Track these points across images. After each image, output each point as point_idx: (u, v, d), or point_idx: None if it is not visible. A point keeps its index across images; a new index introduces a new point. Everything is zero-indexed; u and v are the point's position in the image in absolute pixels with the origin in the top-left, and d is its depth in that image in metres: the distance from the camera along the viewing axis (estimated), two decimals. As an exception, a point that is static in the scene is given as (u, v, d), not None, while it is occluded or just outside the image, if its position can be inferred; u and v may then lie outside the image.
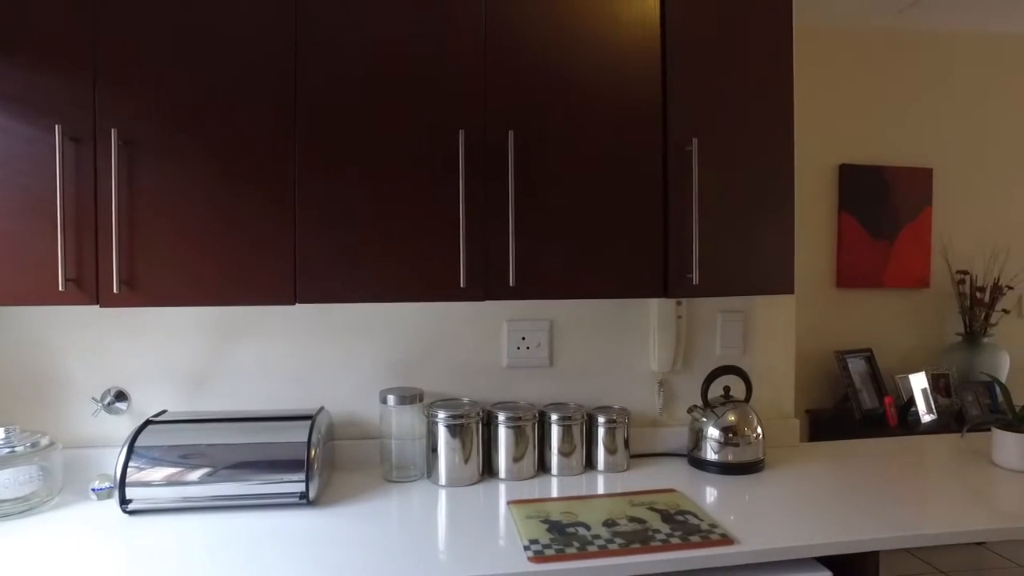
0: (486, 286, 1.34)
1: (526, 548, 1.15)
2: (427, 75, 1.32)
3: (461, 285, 1.32)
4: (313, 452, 1.37)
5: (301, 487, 1.34)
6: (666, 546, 1.16)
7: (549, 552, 1.13)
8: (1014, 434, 1.60)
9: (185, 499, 1.33)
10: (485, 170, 1.34)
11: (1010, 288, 3.34)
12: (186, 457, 1.35)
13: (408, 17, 1.32)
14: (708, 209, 1.43)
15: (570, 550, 1.14)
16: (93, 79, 1.22)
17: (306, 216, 1.29)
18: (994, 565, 3.10)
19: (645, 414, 1.73)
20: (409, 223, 1.32)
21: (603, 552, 1.13)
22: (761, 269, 1.47)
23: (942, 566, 3.08)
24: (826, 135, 3.30)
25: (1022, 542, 3.22)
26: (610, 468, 1.59)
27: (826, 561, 1.25)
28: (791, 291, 1.50)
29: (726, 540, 1.18)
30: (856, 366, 3.18)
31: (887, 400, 3.04)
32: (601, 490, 1.47)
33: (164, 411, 1.54)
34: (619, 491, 1.45)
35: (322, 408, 1.56)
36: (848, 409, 3.11)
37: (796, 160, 3.29)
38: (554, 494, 1.45)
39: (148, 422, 1.42)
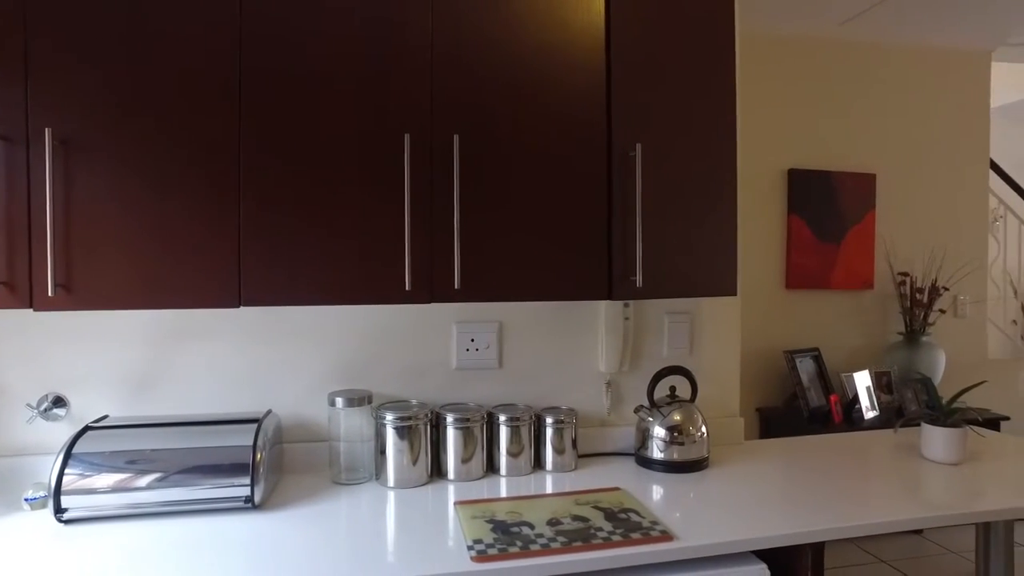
0: (431, 289, 1.35)
1: (470, 548, 1.16)
2: (373, 77, 1.32)
3: (406, 288, 1.32)
4: (259, 455, 1.36)
5: (246, 491, 1.33)
6: (607, 544, 1.18)
7: (492, 551, 1.15)
8: (940, 428, 1.68)
9: (125, 506, 1.30)
10: (431, 174, 1.35)
11: (946, 289, 3.48)
12: (127, 463, 1.32)
13: (355, 18, 1.31)
14: (652, 213, 1.46)
15: (513, 549, 1.16)
16: (25, 76, 1.19)
17: (250, 218, 1.28)
18: (931, 552, 3.23)
19: (593, 414, 1.76)
20: (354, 226, 1.32)
21: (545, 551, 1.15)
22: (705, 272, 1.51)
23: (884, 555, 3.20)
24: (776, 140, 3.39)
25: (956, 530, 3.36)
26: (558, 468, 1.61)
27: (763, 554, 1.30)
28: (734, 293, 1.54)
29: (666, 536, 1.21)
30: (804, 365, 3.28)
31: (832, 398, 3.14)
32: (549, 490, 1.49)
33: (105, 416, 1.51)
34: (567, 490, 1.47)
35: (270, 411, 1.55)
36: (797, 407, 3.21)
37: (748, 164, 3.38)
38: (503, 494, 1.46)
39: (87, 428, 1.39)
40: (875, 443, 1.88)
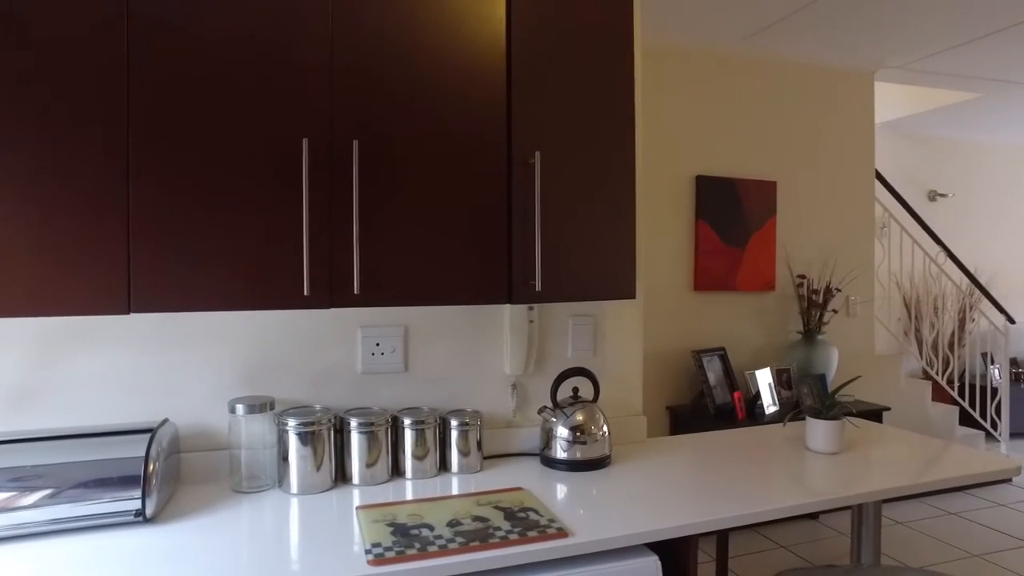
0: (331, 294, 1.35)
1: (368, 552, 1.17)
2: (271, 82, 1.31)
3: (305, 293, 1.32)
4: (152, 466, 1.32)
5: (137, 504, 1.29)
6: (504, 542, 1.21)
7: (390, 554, 1.16)
8: (821, 421, 1.81)
9: (7, 527, 1.23)
10: (330, 179, 1.35)
11: (839, 290, 3.74)
12: (9, 481, 1.25)
13: (252, 21, 1.30)
14: (551, 219, 1.51)
15: (411, 551, 1.17)
16: None
17: (141, 222, 1.24)
18: (825, 535, 3.45)
19: (500, 416, 1.80)
20: (251, 231, 1.30)
21: (443, 552, 1.17)
22: (604, 276, 1.57)
23: (784, 541, 3.40)
24: (684, 149, 3.54)
25: (847, 513, 3.61)
26: (464, 470, 1.64)
27: (656, 546, 1.36)
28: (633, 296, 1.61)
29: (561, 534, 1.25)
30: (711, 364, 3.44)
31: (736, 395, 3.31)
32: (455, 491, 1.51)
33: (-19, 430, 1.42)
34: (471, 491, 1.50)
35: (166, 420, 1.50)
36: (704, 404, 3.36)
37: (657, 171, 3.51)
38: (408, 497, 1.47)
39: (-42, 443, 1.31)
40: (766, 437, 2.00)
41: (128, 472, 1.30)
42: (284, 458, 1.51)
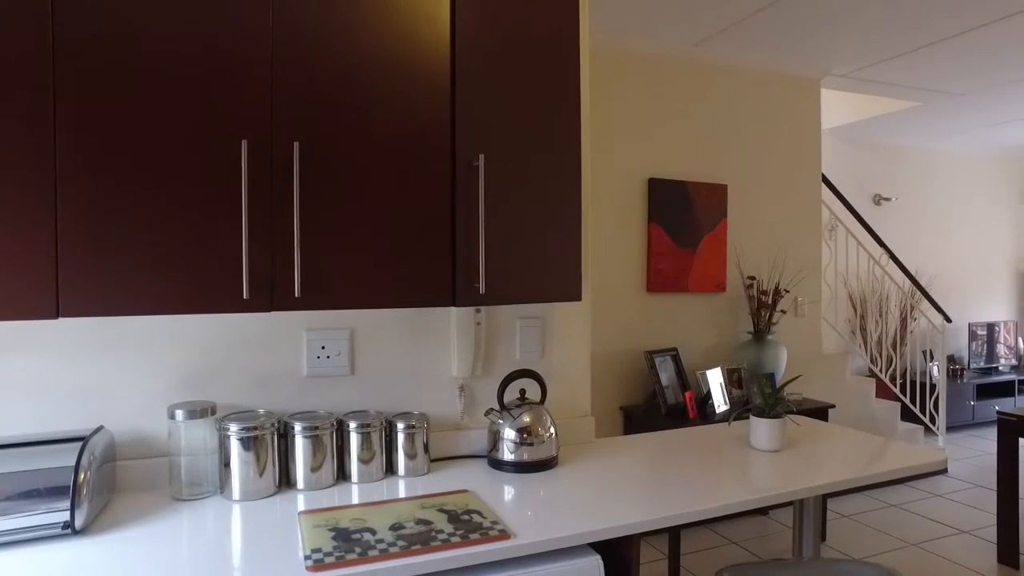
0: (271, 297, 1.33)
1: (307, 558, 1.16)
2: (209, 81, 1.28)
3: (244, 296, 1.30)
4: (82, 476, 1.28)
5: (65, 516, 1.25)
6: (446, 545, 1.21)
7: (329, 560, 1.15)
8: (764, 420, 1.86)
9: (-82, 539, 1.18)
10: (271, 181, 1.33)
11: (787, 291, 3.84)
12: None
13: (191, 16, 1.27)
14: (495, 222, 1.51)
15: (351, 556, 1.16)
16: None
17: (70, 224, 1.20)
18: (775, 530, 3.54)
19: (448, 418, 1.80)
20: (188, 233, 1.27)
21: (383, 556, 1.17)
22: (550, 278, 1.58)
23: (735, 537, 3.47)
24: (637, 151, 3.59)
25: (789, 511, 3.71)
26: (411, 472, 1.63)
27: (600, 545, 1.38)
28: (579, 298, 1.62)
29: (503, 535, 1.26)
30: (664, 364, 3.49)
31: (687, 394, 3.37)
32: (402, 494, 1.50)
33: (-101, 440, 1.36)
34: (419, 494, 1.49)
35: (100, 427, 1.45)
36: (657, 404, 3.41)
37: (610, 174, 3.55)
38: (353, 501, 1.46)
39: None
40: (712, 436, 2.04)
41: (57, 483, 1.26)
42: (226, 464, 1.48)
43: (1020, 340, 6.60)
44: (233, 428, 1.48)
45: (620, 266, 3.55)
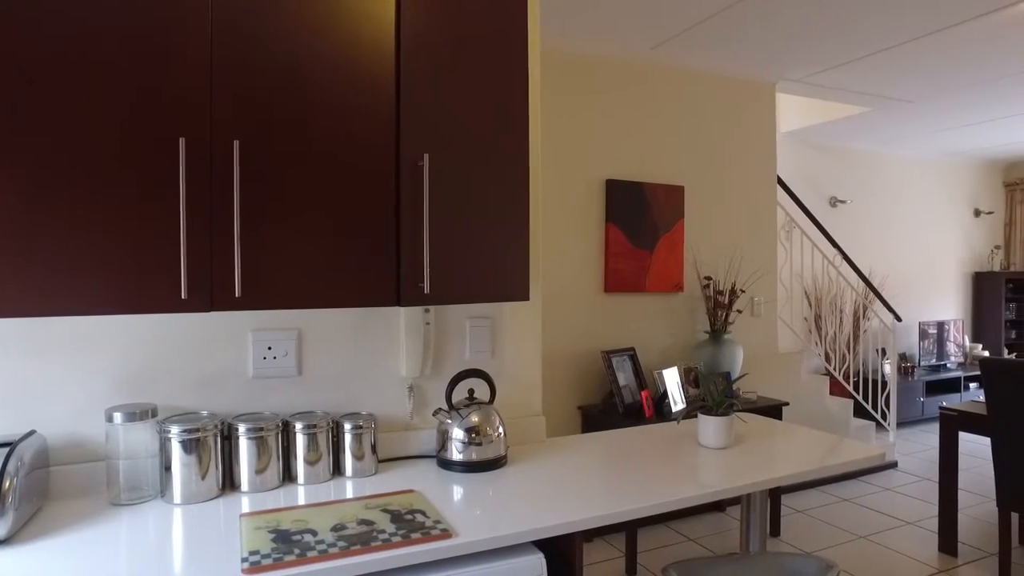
0: (211, 297, 1.31)
1: (244, 560, 1.14)
2: (144, 76, 1.26)
3: (182, 296, 1.28)
4: (8, 483, 1.24)
5: (-9, 523, 1.21)
6: (386, 545, 1.21)
7: (267, 562, 1.14)
8: (712, 417, 1.89)
9: None
10: (210, 179, 1.31)
11: (743, 291, 3.91)
12: None
13: (125, 8, 1.24)
14: (440, 222, 1.51)
15: (289, 557, 1.15)
16: None
17: (-3, 221, 1.17)
18: (730, 527, 3.61)
19: (397, 419, 1.79)
20: (125, 232, 1.25)
21: (322, 557, 1.16)
22: (497, 278, 1.59)
23: (692, 534, 3.53)
24: (595, 153, 3.63)
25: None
26: (358, 473, 1.62)
27: (544, 543, 1.39)
28: (527, 298, 1.64)
29: (445, 534, 1.26)
30: (621, 364, 3.53)
31: (644, 394, 3.41)
32: (349, 495, 1.49)
33: None
34: (366, 495, 1.49)
35: (32, 432, 1.41)
36: (614, 404, 3.45)
37: (567, 175, 3.57)
38: (299, 503, 1.45)
39: None
40: (662, 434, 2.07)
41: (-17, 488, 1.22)
42: (167, 467, 1.45)
43: (967, 338, 6.83)
44: (174, 430, 1.45)
45: (578, 267, 3.58)
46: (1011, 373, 2.83)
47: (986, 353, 6.72)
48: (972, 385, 6.28)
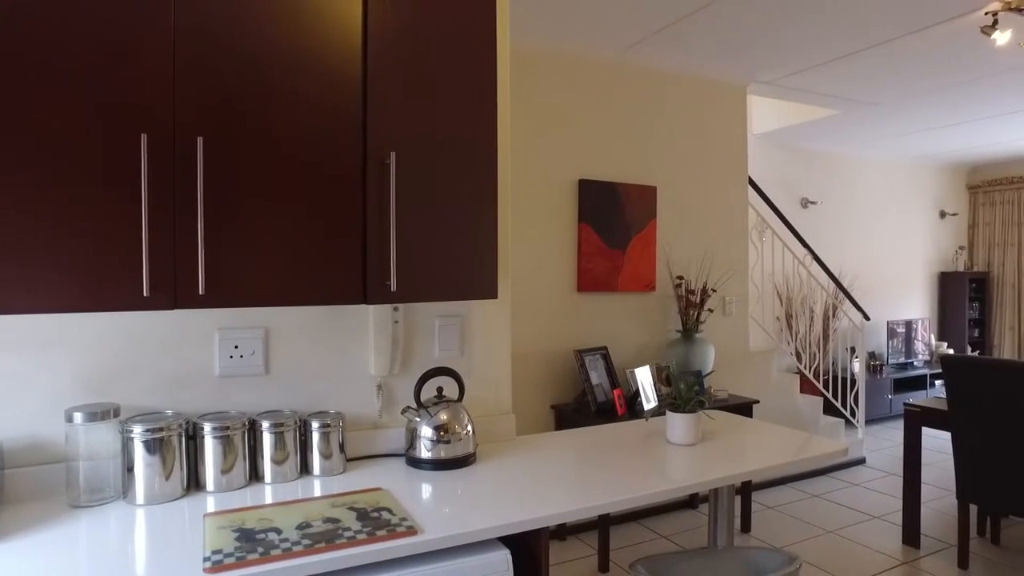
0: (174, 295, 1.30)
1: (206, 559, 1.14)
2: (105, 71, 1.24)
3: (144, 294, 1.26)
4: (-35, 483, 1.22)
5: (-54, 525, 1.19)
6: (351, 543, 1.21)
7: (229, 560, 1.13)
8: (679, 415, 1.92)
9: None
10: (173, 176, 1.30)
11: (714, 291, 3.96)
12: None
13: (85, 8, 1.23)
14: (407, 219, 1.52)
15: (252, 556, 1.15)
16: None
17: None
18: (701, 524, 3.65)
19: (366, 417, 1.79)
20: (86, 229, 1.23)
21: (285, 555, 1.16)
22: (464, 276, 1.60)
23: (663, 531, 3.56)
24: (568, 153, 3.64)
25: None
26: (326, 472, 1.62)
27: (511, 539, 1.40)
28: (495, 296, 1.64)
29: (411, 531, 1.26)
30: (594, 363, 3.55)
31: (616, 392, 3.44)
32: (317, 494, 1.49)
33: None
34: (333, 493, 1.48)
35: (-10, 433, 1.39)
36: (587, 402, 3.47)
37: (541, 175, 3.59)
38: (266, 502, 1.44)
39: None
40: (632, 432, 2.10)
41: (-62, 489, 1.20)
42: (130, 468, 1.44)
43: (933, 337, 6.99)
44: (137, 430, 1.43)
45: (551, 266, 3.60)
46: (970, 370, 2.91)
47: (951, 351, 6.88)
48: (938, 382, 6.43)
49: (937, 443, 5.13)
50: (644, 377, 3.59)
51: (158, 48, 1.28)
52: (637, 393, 3.52)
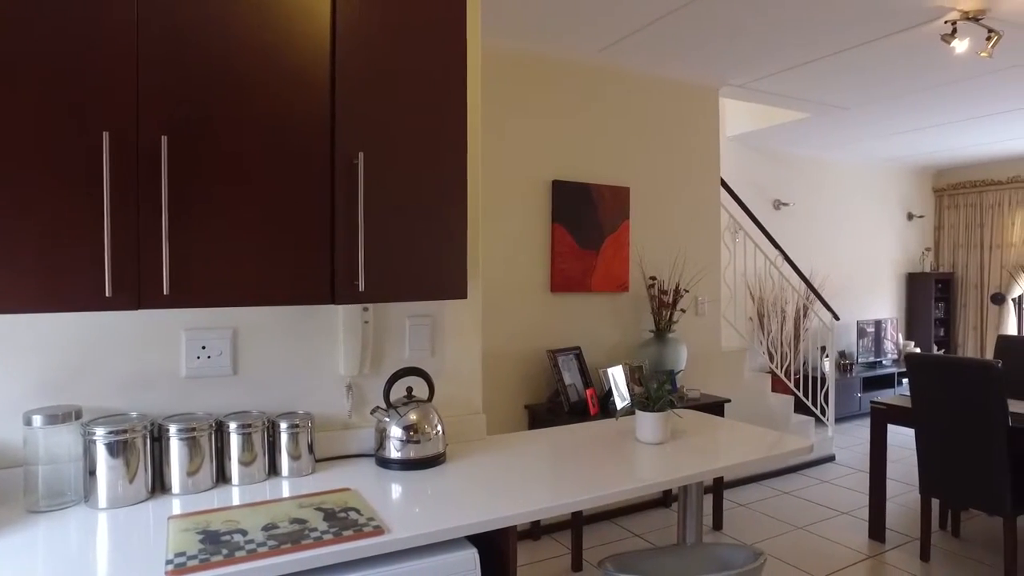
0: (138, 295, 1.28)
1: (168, 562, 1.13)
2: (66, 67, 1.22)
3: (107, 294, 1.25)
4: (-81, 487, 1.19)
5: (-101, 530, 1.16)
6: (317, 543, 1.21)
7: (193, 563, 1.12)
8: (648, 413, 1.94)
9: None
10: (136, 174, 1.28)
11: (687, 291, 4.00)
12: None
13: (43, 4, 1.21)
14: (376, 219, 1.51)
15: (216, 558, 1.14)
16: None
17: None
18: (674, 521, 3.68)
19: (336, 417, 1.78)
20: (44, 228, 1.21)
21: (250, 556, 1.15)
22: (433, 276, 1.60)
23: (637, 529, 3.59)
24: (542, 153, 3.66)
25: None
26: (295, 473, 1.61)
27: (478, 538, 1.40)
28: (464, 296, 1.65)
29: (378, 531, 1.26)
30: (567, 363, 3.57)
31: (589, 392, 3.46)
32: (285, 495, 1.48)
33: None
34: (301, 494, 1.47)
35: (-54, 436, 1.36)
36: (560, 402, 3.48)
37: (514, 175, 3.60)
38: (234, 503, 1.43)
39: None
40: (602, 431, 2.11)
41: None
42: (92, 471, 1.41)
43: (901, 336, 7.14)
44: (99, 433, 1.41)
45: (524, 267, 3.61)
46: (932, 368, 2.99)
47: (918, 350, 7.04)
48: (905, 380, 6.57)
49: (903, 440, 5.24)
50: (617, 377, 3.62)
51: (121, 44, 1.27)
52: (610, 392, 3.55)
